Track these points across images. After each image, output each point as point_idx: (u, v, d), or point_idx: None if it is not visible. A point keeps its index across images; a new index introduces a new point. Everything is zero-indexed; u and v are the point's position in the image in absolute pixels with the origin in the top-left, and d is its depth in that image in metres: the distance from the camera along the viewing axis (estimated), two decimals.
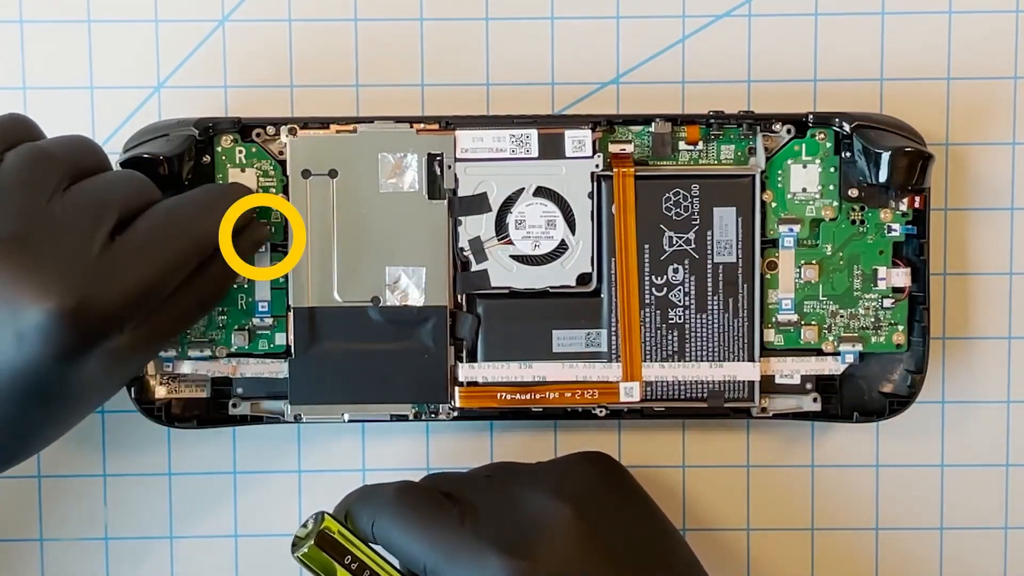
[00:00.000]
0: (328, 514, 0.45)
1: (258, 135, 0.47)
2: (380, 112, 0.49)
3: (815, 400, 0.48)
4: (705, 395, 0.48)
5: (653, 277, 0.47)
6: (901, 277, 0.48)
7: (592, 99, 0.50)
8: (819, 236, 0.48)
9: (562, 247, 0.47)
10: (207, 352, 0.48)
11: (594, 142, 0.47)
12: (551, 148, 0.47)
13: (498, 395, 0.47)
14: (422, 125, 0.47)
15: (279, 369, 0.48)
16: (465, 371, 0.47)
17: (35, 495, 0.51)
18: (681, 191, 0.47)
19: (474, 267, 0.47)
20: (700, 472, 0.51)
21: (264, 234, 0.47)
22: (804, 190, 0.48)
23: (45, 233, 0.40)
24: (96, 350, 0.40)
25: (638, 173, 0.47)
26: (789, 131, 0.47)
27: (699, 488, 0.51)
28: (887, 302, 0.48)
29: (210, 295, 0.45)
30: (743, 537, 0.51)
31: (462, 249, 0.47)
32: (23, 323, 0.39)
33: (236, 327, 0.48)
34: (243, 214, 0.44)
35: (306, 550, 0.43)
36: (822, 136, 0.47)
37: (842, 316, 0.48)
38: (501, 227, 0.47)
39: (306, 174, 0.47)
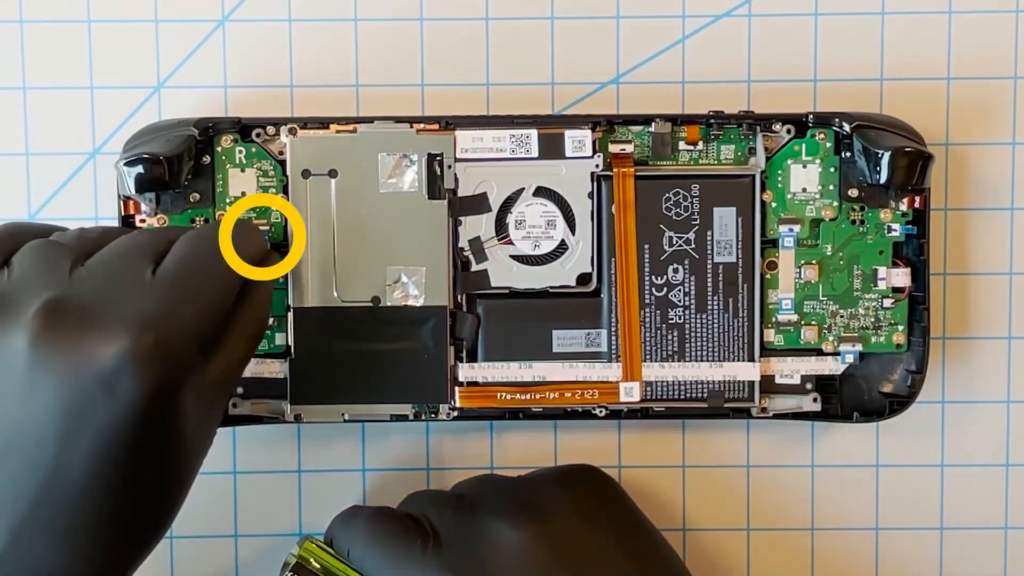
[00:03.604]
0: (312, 539, 0.46)
1: (258, 135, 0.47)
2: (380, 112, 0.49)
3: (815, 400, 0.48)
4: (705, 395, 0.48)
5: (653, 277, 0.47)
6: (901, 277, 0.48)
7: (592, 99, 0.50)
8: (819, 236, 0.48)
9: (562, 247, 0.47)
10: None
11: (594, 142, 0.47)
12: (551, 148, 0.47)
13: (498, 395, 0.47)
14: (422, 125, 0.47)
15: (279, 369, 0.48)
16: (465, 371, 0.47)
17: None
18: (681, 191, 0.47)
19: (474, 267, 0.47)
20: (700, 472, 0.51)
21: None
22: (804, 190, 0.48)
23: (84, 289, 0.39)
24: (187, 377, 0.39)
25: (638, 173, 0.47)
26: (789, 131, 0.47)
27: (699, 488, 0.51)
28: (887, 302, 0.48)
29: (260, 315, 0.44)
30: (743, 537, 0.51)
31: (462, 249, 0.47)
32: (105, 372, 0.38)
33: None
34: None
35: None
36: (822, 136, 0.47)
37: (842, 316, 0.48)
38: (501, 227, 0.47)
39: (306, 174, 0.47)
